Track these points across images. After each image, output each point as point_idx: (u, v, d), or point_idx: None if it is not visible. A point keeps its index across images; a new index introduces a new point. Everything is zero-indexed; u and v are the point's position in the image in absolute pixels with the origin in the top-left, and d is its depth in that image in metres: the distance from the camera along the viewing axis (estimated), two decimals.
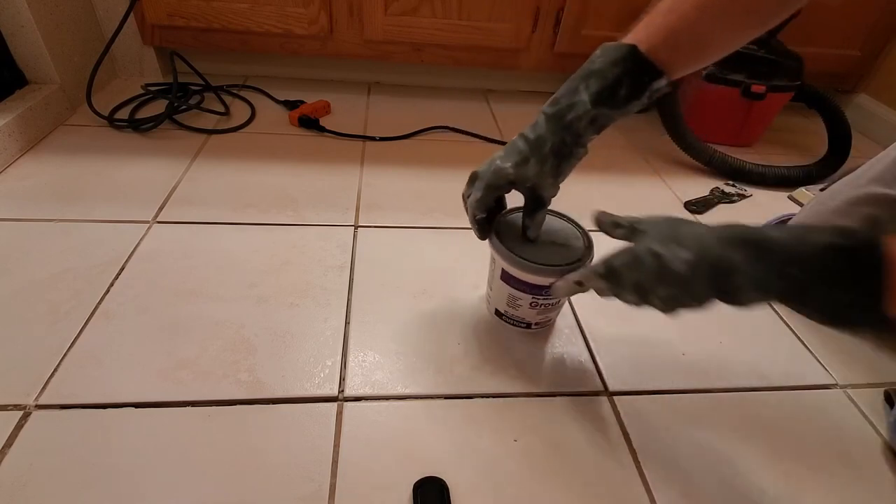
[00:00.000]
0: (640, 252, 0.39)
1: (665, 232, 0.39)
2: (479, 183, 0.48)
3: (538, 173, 0.45)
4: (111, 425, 0.44)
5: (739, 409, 0.52)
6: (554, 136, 0.44)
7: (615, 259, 0.41)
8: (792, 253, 0.33)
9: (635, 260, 0.39)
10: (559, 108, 0.44)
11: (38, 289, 0.56)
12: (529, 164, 0.45)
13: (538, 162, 0.45)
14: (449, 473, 0.43)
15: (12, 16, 0.80)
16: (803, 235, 0.33)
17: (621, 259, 0.40)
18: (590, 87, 0.44)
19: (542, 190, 0.47)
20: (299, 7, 0.96)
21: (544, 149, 0.45)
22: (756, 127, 1.05)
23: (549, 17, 1.03)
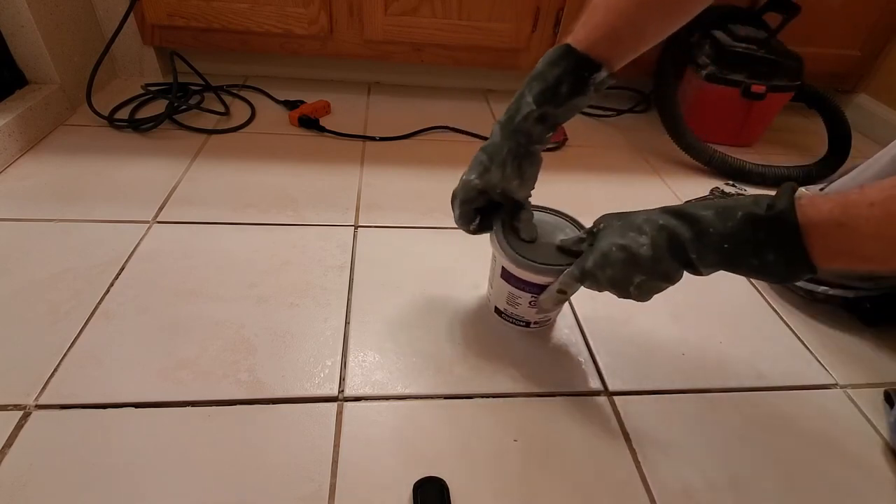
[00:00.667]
0: (605, 248, 0.42)
1: (619, 225, 0.42)
2: (456, 201, 0.51)
3: (501, 178, 0.47)
4: (111, 425, 0.44)
5: (739, 409, 0.52)
6: (508, 141, 0.47)
7: (586, 261, 0.43)
8: (719, 228, 0.36)
9: (604, 257, 0.42)
10: (509, 115, 0.47)
11: (38, 289, 0.56)
12: (491, 171, 0.47)
13: (499, 167, 0.47)
14: (449, 473, 0.43)
15: (12, 16, 0.80)
16: (725, 210, 0.36)
17: (592, 260, 0.43)
18: (532, 90, 0.47)
19: (511, 193, 0.49)
20: (299, 7, 0.96)
21: (501, 154, 0.47)
22: (756, 127, 1.05)
23: (549, 17, 1.03)
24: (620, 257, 0.40)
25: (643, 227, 0.40)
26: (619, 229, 0.42)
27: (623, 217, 0.43)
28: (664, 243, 0.39)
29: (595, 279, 0.43)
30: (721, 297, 0.66)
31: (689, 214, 0.38)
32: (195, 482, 0.41)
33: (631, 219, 0.42)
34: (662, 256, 0.39)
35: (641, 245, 0.39)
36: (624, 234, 0.41)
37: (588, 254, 0.43)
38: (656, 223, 0.39)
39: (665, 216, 0.39)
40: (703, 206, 0.38)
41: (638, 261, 0.40)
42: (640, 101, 1.18)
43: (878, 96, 1.20)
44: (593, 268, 0.42)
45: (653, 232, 0.39)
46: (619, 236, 0.41)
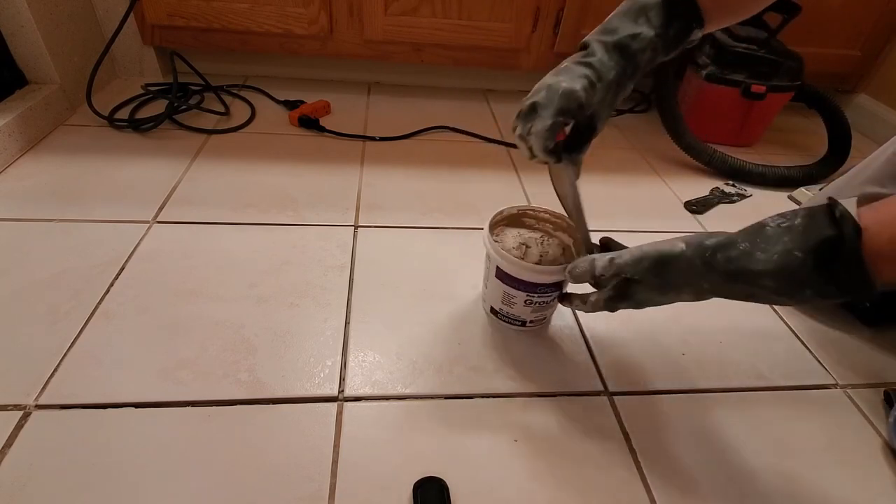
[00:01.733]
0: (642, 300, 0.43)
1: (657, 282, 0.41)
2: (545, 111, 0.42)
3: (601, 101, 0.43)
4: (111, 425, 0.44)
5: (739, 409, 0.52)
6: (617, 66, 0.42)
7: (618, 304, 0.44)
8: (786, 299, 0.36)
9: (639, 304, 0.43)
10: (620, 38, 0.42)
11: (38, 289, 0.56)
12: (596, 90, 0.42)
13: (604, 89, 0.43)
14: (449, 473, 0.43)
15: (12, 16, 0.79)
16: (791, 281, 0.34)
17: (625, 304, 0.44)
18: (651, 20, 0.42)
19: (598, 120, 0.44)
20: (299, 7, 0.96)
21: (608, 77, 0.42)
22: (756, 127, 1.05)
23: (549, 17, 1.03)
24: (657, 302, 0.42)
25: (684, 289, 0.40)
26: (657, 286, 0.41)
27: (660, 273, 0.40)
28: (710, 297, 0.39)
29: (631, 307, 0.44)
30: None
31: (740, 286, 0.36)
32: (195, 482, 0.41)
33: (670, 279, 0.40)
34: (711, 298, 0.40)
35: (683, 299, 0.41)
36: (664, 293, 0.41)
37: (619, 300, 0.44)
38: (701, 287, 0.39)
39: (712, 280, 0.38)
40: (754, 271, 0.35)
41: (674, 303, 0.41)
42: (640, 101, 1.18)
43: (878, 96, 1.20)
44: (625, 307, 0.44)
45: (696, 294, 0.40)
46: (659, 294, 0.41)
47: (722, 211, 0.85)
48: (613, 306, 0.45)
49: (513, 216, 0.57)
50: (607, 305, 0.45)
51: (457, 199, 0.79)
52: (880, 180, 0.58)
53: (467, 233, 0.72)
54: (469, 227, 0.73)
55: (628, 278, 0.42)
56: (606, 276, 0.44)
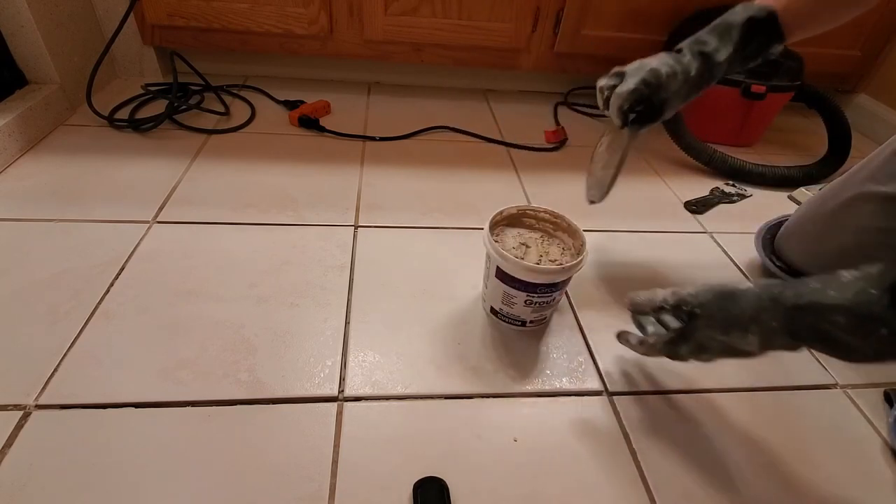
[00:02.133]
0: (703, 340, 0.40)
1: (721, 316, 0.39)
2: (631, 78, 0.52)
3: (677, 91, 0.52)
4: (111, 425, 0.44)
5: (739, 409, 0.52)
6: (699, 69, 0.52)
7: (678, 347, 0.42)
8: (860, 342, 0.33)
9: (700, 347, 0.41)
10: (710, 50, 0.52)
11: (38, 289, 0.56)
12: (676, 80, 0.52)
13: (681, 82, 0.52)
14: (449, 473, 0.43)
15: (12, 16, 0.79)
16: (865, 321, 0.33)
17: (685, 347, 0.42)
18: (733, 38, 0.51)
19: (667, 106, 0.53)
20: (299, 7, 0.96)
21: (690, 73, 0.52)
22: (756, 127, 1.05)
23: (548, 17, 1.03)
24: (720, 348, 0.40)
25: (750, 326, 0.37)
26: (720, 322, 0.39)
27: (724, 306, 0.39)
28: (775, 346, 0.37)
29: (685, 359, 0.43)
30: None
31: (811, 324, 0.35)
32: (195, 482, 0.41)
33: (735, 313, 0.39)
34: (767, 352, 0.38)
35: (747, 344, 0.38)
36: (727, 330, 0.39)
37: (681, 341, 0.42)
38: (769, 326, 0.37)
39: (779, 318, 0.36)
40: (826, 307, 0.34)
41: (739, 354, 0.39)
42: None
43: (878, 96, 1.20)
44: (686, 353, 0.42)
45: (763, 335, 0.37)
46: (721, 332, 0.39)
47: (722, 211, 0.85)
48: (673, 350, 0.43)
49: (513, 216, 0.57)
50: (667, 348, 0.44)
51: (457, 199, 0.80)
52: (880, 178, 0.58)
53: (467, 233, 0.72)
54: (469, 227, 0.73)
55: (690, 311, 0.41)
56: (667, 307, 0.42)
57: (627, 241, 0.75)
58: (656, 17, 1.04)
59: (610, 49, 1.08)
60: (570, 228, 0.56)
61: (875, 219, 0.58)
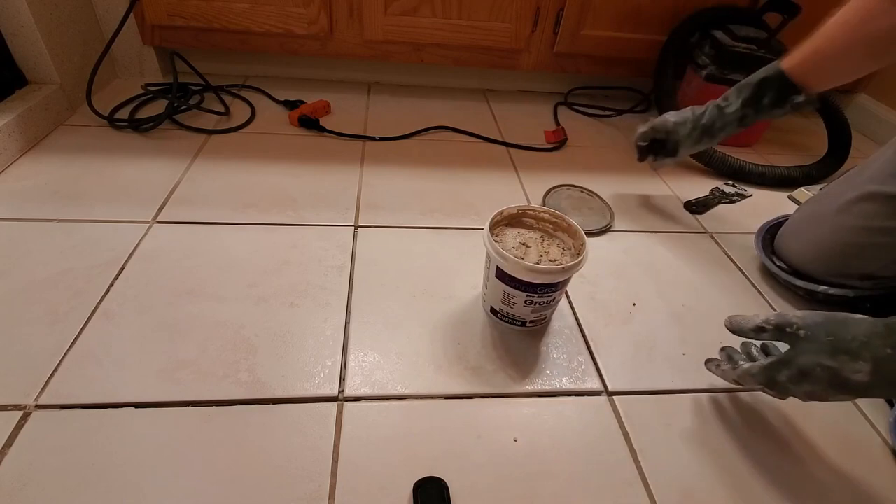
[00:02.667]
0: (807, 366, 0.37)
1: (828, 340, 0.37)
2: (646, 125, 0.74)
3: (686, 136, 0.70)
4: (111, 425, 0.44)
5: (739, 409, 0.52)
6: (709, 118, 0.68)
7: (777, 373, 0.39)
8: None
9: (803, 374, 0.38)
10: (723, 105, 0.67)
11: (38, 289, 0.56)
12: (685, 126, 0.70)
13: (691, 128, 0.69)
14: (449, 473, 0.43)
15: (12, 16, 0.79)
16: None
17: (787, 374, 0.39)
18: (742, 94, 0.65)
19: (680, 146, 0.72)
20: (299, 7, 0.96)
21: (699, 122, 0.68)
22: (756, 127, 1.05)
23: (548, 17, 1.03)
24: (825, 378, 0.37)
25: (860, 352, 0.35)
26: (828, 347, 0.37)
27: (832, 330, 0.37)
28: (888, 376, 0.34)
29: (784, 390, 0.40)
30: (721, 296, 0.66)
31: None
32: (195, 482, 0.41)
33: (843, 336, 0.36)
34: (881, 387, 0.35)
35: (856, 372, 0.35)
36: (834, 355, 0.36)
37: (781, 366, 0.39)
38: (882, 351, 0.34)
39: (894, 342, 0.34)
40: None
41: (848, 386, 0.36)
42: (640, 101, 1.18)
43: (878, 96, 1.20)
44: (786, 382, 0.39)
45: (875, 360, 0.34)
46: (828, 357, 0.36)
47: (722, 211, 0.85)
48: (771, 377, 0.40)
49: (513, 216, 0.57)
50: (764, 374, 0.41)
51: (457, 199, 0.80)
52: (881, 178, 0.58)
53: (467, 233, 0.73)
54: (469, 227, 0.73)
55: (794, 333, 0.39)
56: (769, 328, 0.40)
57: (627, 240, 0.75)
58: (656, 18, 1.04)
59: (610, 49, 1.08)
60: (570, 228, 0.56)
61: (877, 218, 0.58)
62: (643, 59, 1.10)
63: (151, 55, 1.04)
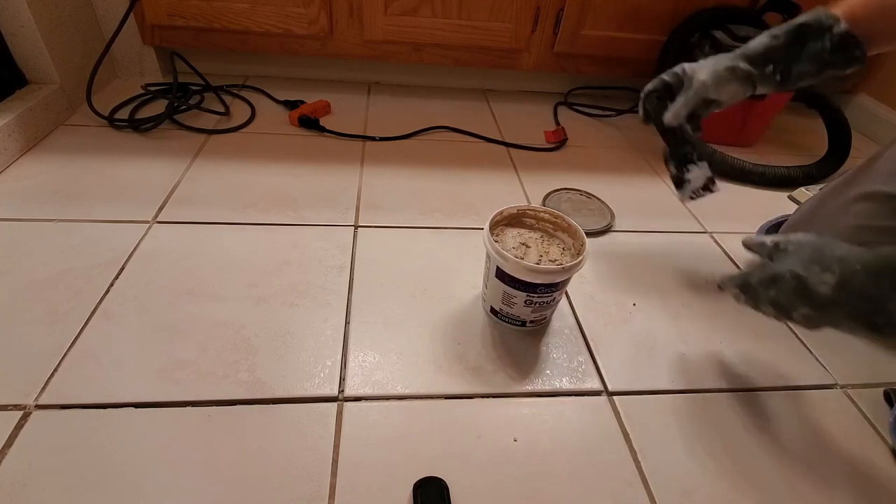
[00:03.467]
0: (780, 272, 0.38)
1: (808, 254, 0.38)
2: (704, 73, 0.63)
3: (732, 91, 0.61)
4: (111, 425, 0.44)
5: (739, 409, 0.52)
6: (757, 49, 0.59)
7: (752, 277, 0.41)
8: None
9: (773, 279, 0.39)
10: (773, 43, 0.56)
11: (38, 289, 0.56)
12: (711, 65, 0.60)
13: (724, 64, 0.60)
14: (449, 473, 0.43)
15: (12, 16, 0.80)
16: None
17: (758, 277, 0.40)
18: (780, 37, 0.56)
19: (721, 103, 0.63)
20: (299, 7, 0.96)
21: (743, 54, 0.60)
22: (756, 127, 1.05)
23: (548, 17, 1.03)
24: (792, 284, 0.37)
25: (832, 266, 0.36)
26: (806, 258, 0.38)
27: (817, 246, 0.38)
28: (852, 294, 0.34)
29: (755, 295, 0.41)
30: (721, 296, 0.66)
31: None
32: (195, 482, 0.41)
33: (824, 251, 0.37)
34: (843, 306, 0.35)
35: (822, 283, 0.35)
36: (809, 265, 0.37)
37: (758, 269, 0.41)
38: (852, 267, 0.35)
39: (868, 261, 0.34)
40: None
41: (811, 297, 0.36)
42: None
43: (878, 96, 1.20)
44: (757, 285, 0.40)
45: (843, 274, 0.35)
46: (802, 266, 0.37)
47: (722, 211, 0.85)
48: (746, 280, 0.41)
49: (513, 216, 0.57)
50: (741, 276, 0.41)
51: (457, 199, 0.80)
52: (882, 178, 0.58)
53: (467, 233, 0.73)
54: (469, 227, 0.73)
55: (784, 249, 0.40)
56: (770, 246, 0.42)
57: (627, 240, 0.75)
58: (656, 18, 1.04)
59: (610, 49, 1.08)
60: (570, 228, 0.56)
61: (876, 218, 0.58)
62: (643, 59, 1.10)
63: (151, 55, 1.04)
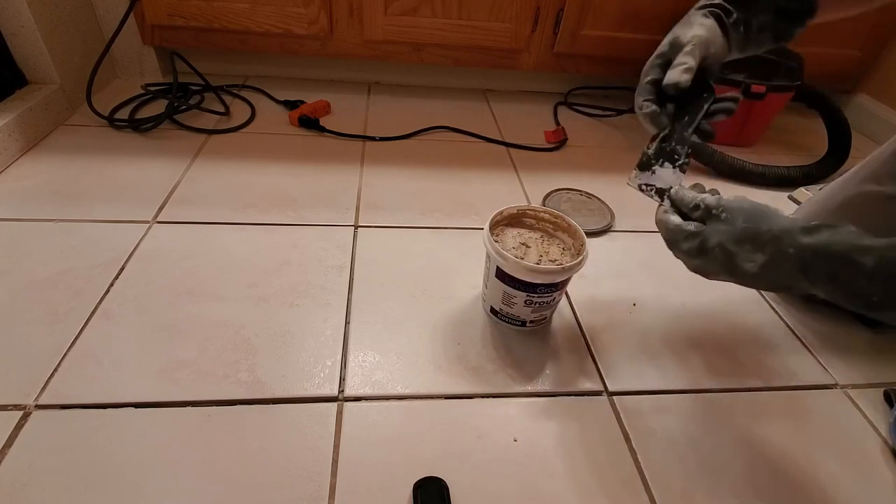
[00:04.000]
0: (710, 244, 0.37)
1: (743, 227, 0.36)
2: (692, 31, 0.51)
3: None
4: (111, 425, 0.44)
5: (739, 409, 0.52)
6: None
7: (682, 239, 0.39)
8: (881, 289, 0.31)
9: (702, 251, 0.38)
10: None
11: (38, 289, 0.56)
12: None
13: None
14: (449, 473, 0.43)
15: (12, 16, 0.79)
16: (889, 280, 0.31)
17: (687, 245, 0.39)
18: None
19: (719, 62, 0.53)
20: (299, 7, 0.96)
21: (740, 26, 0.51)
22: (756, 127, 1.05)
23: (548, 17, 1.03)
24: (720, 259, 0.37)
25: (766, 246, 0.35)
26: (739, 232, 0.36)
27: (751, 218, 0.37)
28: (777, 274, 0.34)
29: (681, 255, 0.40)
30: (721, 297, 0.66)
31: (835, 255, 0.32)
32: (195, 482, 0.41)
33: (759, 227, 0.36)
34: (764, 280, 0.35)
35: (750, 261, 0.35)
36: (740, 242, 0.36)
37: (689, 235, 0.39)
38: (784, 251, 0.34)
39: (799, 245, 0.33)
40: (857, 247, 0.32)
41: (736, 271, 0.36)
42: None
43: (878, 96, 1.20)
44: (685, 252, 0.39)
45: (773, 255, 0.34)
46: (733, 242, 0.36)
47: None
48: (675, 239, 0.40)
49: (513, 216, 0.57)
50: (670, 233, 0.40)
51: (457, 199, 0.80)
52: (880, 179, 0.58)
53: (467, 233, 0.73)
54: (469, 227, 0.73)
55: (717, 215, 0.38)
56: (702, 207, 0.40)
57: (627, 240, 0.75)
58: (656, 18, 1.04)
59: (610, 49, 1.08)
60: (570, 228, 0.56)
61: (875, 219, 0.58)
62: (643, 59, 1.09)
63: (151, 55, 1.04)
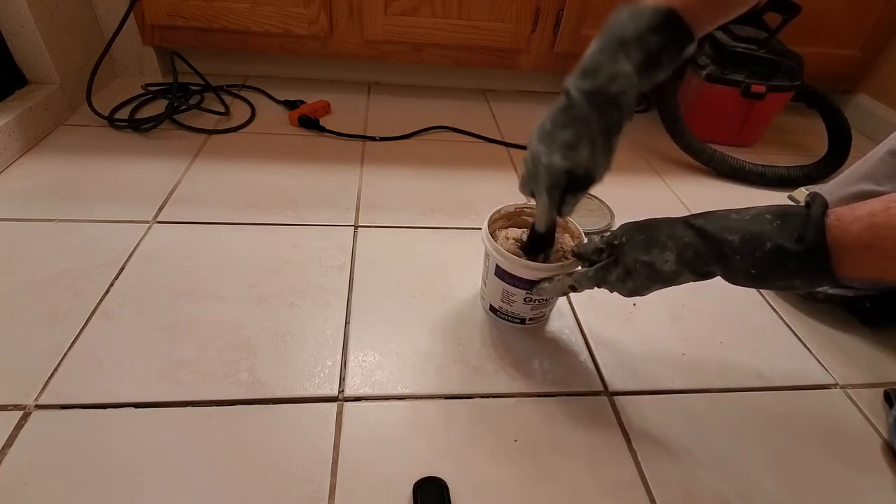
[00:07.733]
0: (629, 264, 0.42)
1: (642, 240, 0.42)
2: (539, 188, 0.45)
3: (591, 154, 0.41)
4: (111, 425, 0.44)
5: (739, 409, 0.52)
6: (599, 115, 0.40)
7: (608, 273, 0.43)
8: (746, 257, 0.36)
9: (627, 273, 0.42)
10: (596, 84, 0.40)
11: (38, 289, 0.56)
12: (580, 150, 0.41)
13: (588, 145, 0.41)
14: (449, 473, 0.43)
15: (12, 16, 0.79)
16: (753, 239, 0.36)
17: (615, 274, 0.43)
18: (632, 57, 0.39)
19: (595, 172, 0.44)
20: (299, 7, 0.96)
21: (591, 130, 0.41)
22: (756, 127, 1.05)
23: (548, 17, 1.03)
24: (644, 273, 0.41)
25: (667, 243, 0.40)
26: (642, 244, 0.41)
27: (645, 230, 0.42)
28: (688, 262, 0.39)
29: (614, 288, 0.44)
30: (721, 297, 0.66)
31: (713, 238, 0.37)
32: (195, 482, 0.41)
33: (654, 233, 0.41)
34: (684, 272, 0.40)
35: (665, 262, 0.40)
36: (648, 250, 0.41)
37: (611, 266, 0.43)
38: (682, 241, 0.39)
39: (690, 234, 0.39)
40: (727, 227, 0.37)
41: (660, 276, 0.40)
42: (640, 101, 1.18)
43: (878, 96, 1.20)
44: (615, 280, 0.43)
45: (678, 249, 0.39)
46: (643, 252, 0.41)
47: None
48: (603, 277, 0.44)
49: (511, 214, 0.57)
50: (596, 275, 0.44)
51: (457, 199, 0.80)
52: (875, 178, 0.58)
53: (467, 233, 0.73)
54: (469, 227, 0.73)
55: (619, 244, 0.43)
56: (603, 247, 0.45)
57: None
58: None
59: None
60: (569, 228, 0.56)
61: None
62: None
63: (151, 55, 1.04)
